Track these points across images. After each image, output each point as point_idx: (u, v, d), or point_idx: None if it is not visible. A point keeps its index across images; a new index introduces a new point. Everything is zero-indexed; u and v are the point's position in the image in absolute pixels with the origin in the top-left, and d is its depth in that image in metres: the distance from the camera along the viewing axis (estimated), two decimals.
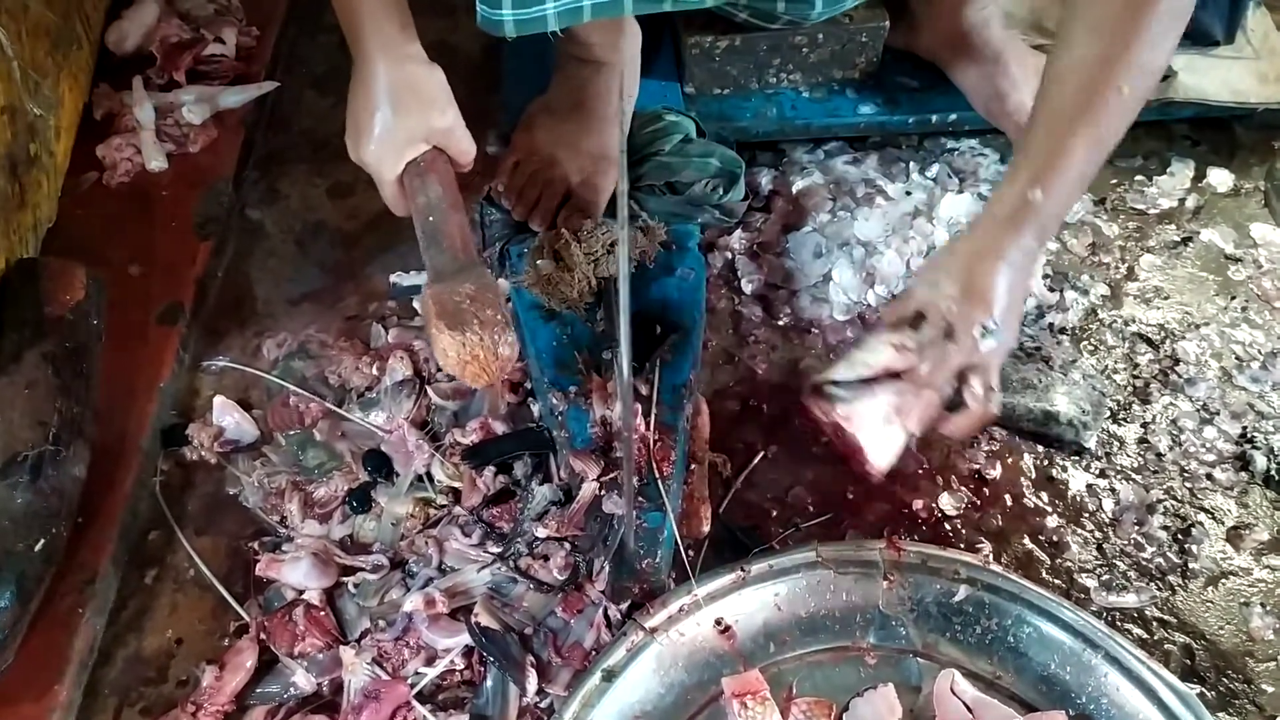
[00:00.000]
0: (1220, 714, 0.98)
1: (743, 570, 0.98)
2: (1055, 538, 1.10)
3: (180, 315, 1.24)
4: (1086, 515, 1.12)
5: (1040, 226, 0.96)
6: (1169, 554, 1.09)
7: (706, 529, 1.06)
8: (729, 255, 1.34)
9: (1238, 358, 1.25)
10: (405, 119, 1.00)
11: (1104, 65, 0.91)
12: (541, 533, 1.04)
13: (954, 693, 0.93)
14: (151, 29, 1.51)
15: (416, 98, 1.01)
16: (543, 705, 0.97)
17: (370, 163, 1.02)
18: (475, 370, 0.95)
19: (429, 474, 1.12)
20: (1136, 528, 1.10)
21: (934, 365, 0.96)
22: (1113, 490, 1.13)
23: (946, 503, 1.12)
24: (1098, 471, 1.15)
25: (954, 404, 0.98)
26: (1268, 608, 1.05)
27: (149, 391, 1.17)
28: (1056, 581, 1.07)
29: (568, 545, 1.04)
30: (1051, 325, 1.27)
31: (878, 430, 0.97)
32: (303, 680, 0.98)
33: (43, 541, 0.98)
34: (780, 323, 1.28)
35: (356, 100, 1.02)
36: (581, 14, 1.04)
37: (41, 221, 1.30)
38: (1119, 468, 1.15)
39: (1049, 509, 1.12)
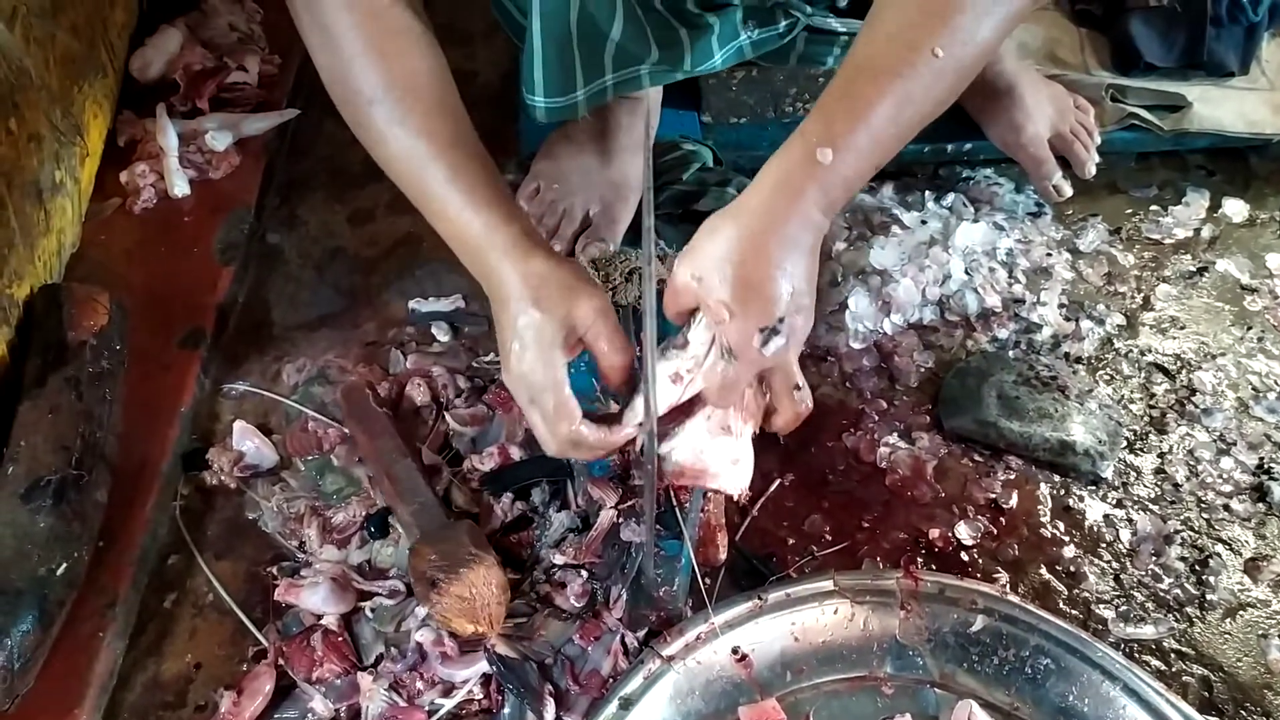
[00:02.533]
0: None
1: (760, 599, 0.99)
2: (1072, 568, 1.10)
3: (201, 340, 1.25)
4: (1104, 545, 1.12)
5: (826, 195, 0.82)
6: (1187, 585, 1.08)
7: (723, 557, 1.06)
8: None
9: (1254, 388, 1.25)
10: (552, 313, 0.88)
11: (920, 25, 0.82)
12: (559, 560, 1.04)
13: None
14: (175, 57, 1.53)
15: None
16: None
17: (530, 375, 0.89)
18: (474, 614, 0.97)
19: (447, 499, 1.12)
20: (1154, 558, 1.10)
21: (722, 388, 0.85)
22: (1130, 520, 1.13)
23: (963, 532, 1.12)
24: (1114, 502, 1.15)
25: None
26: None
27: (170, 416, 1.18)
28: (1074, 612, 1.06)
29: (585, 573, 1.04)
30: (1067, 355, 1.27)
31: (717, 458, 0.91)
32: (320, 706, 0.99)
33: (64, 565, 0.99)
34: None
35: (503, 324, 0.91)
36: (606, 95, 1.05)
37: (65, 247, 1.31)
38: (1136, 498, 1.15)
39: (1066, 539, 1.12)
